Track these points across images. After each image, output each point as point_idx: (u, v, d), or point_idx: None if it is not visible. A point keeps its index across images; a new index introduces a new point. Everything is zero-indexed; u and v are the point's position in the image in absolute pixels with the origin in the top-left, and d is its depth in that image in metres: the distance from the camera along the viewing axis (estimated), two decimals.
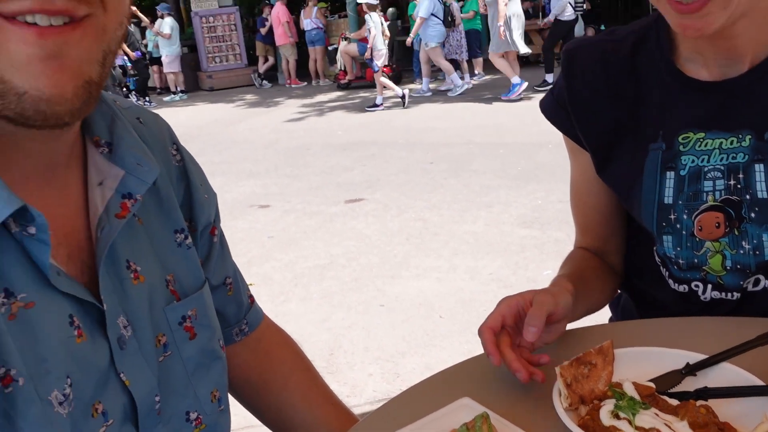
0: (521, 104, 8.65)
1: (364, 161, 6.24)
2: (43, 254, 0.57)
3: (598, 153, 1.00)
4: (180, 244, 0.76)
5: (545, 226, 3.97)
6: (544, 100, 1.06)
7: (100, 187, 0.67)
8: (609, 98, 0.97)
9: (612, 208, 1.05)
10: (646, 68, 0.95)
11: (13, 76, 0.52)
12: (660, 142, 0.93)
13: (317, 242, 4.11)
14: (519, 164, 5.51)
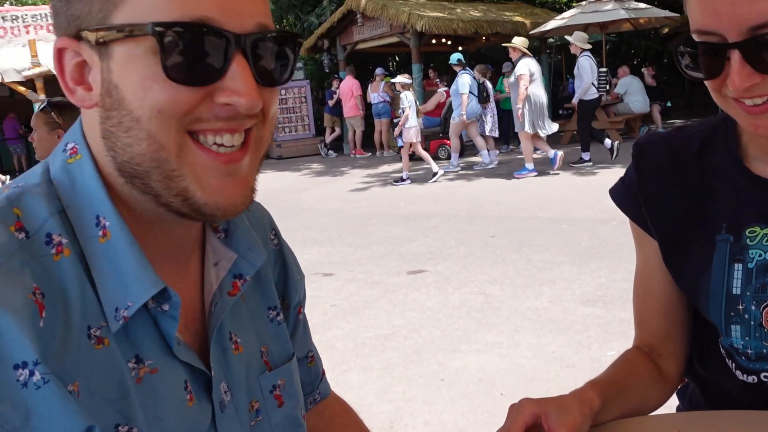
0: (585, 179, 8.63)
1: (427, 232, 6.32)
2: (171, 328, 0.65)
3: (666, 242, 1.03)
4: (272, 320, 0.83)
5: (609, 305, 3.91)
6: (615, 188, 1.11)
7: (216, 267, 0.76)
8: (677, 191, 1.02)
9: (673, 300, 1.07)
10: (713, 164, 1.00)
11: (195, 191, 0.61)
12: (728, 234, 0.97)
13: (379, 312, 4.17)
14: (583, 240, 5.48)
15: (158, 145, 0.59)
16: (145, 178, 0.61)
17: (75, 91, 0.62)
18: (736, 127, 0.97)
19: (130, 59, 0.58)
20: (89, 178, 0.63)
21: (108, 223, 0.62)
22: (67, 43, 0.61)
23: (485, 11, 15.12)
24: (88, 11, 0.59)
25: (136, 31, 0.57)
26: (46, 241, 0.59)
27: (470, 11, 14.75)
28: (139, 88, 0.58)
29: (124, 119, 0.60)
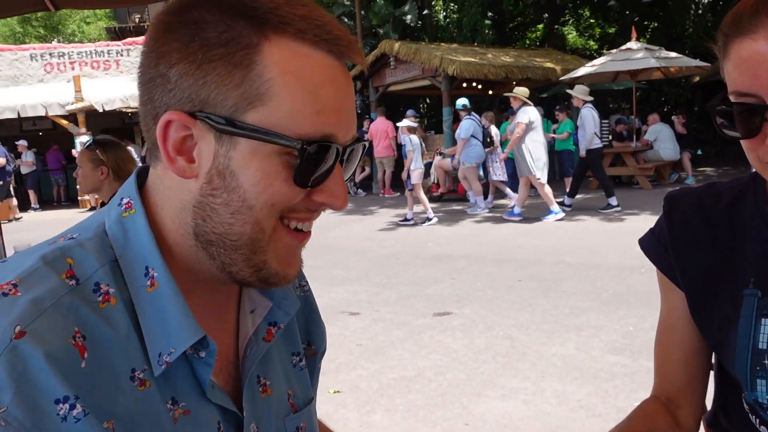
0: (613, 225, 8.60)
1: (453, 275, 6.35)
2: (206, 374, 0.69)
3: (694, 294, 1.06)
4: (295, 365, 0.88)
5: (636, 354, 3.89)
6: (645, 238, 1.14)
7: (252, 314, 0.81)
8: (706, 244, 1.05)
9: (695, 351, 1.10)
10: (743, 220, 1.03)
11: (272, 264, 0.70)
12: (755, 289, 0.99)
13: (404, 353, 4.19)
14: (610, 287, 5.46)
15: (259, 229, 0.67)
16: (229, 250, 0.68)
17: (175, 161, 0.66)
18: (765, 184, 1.01)
19: (255, 155, 0.64)
20: (141, 232, 0.69)
21: (156, 274, 0.67)
22: (178, 117, 0.64)
23: (516, 57, 15.33)
24: (221, 99, 0.63)
25: (280, 140, 0.63)
26: (94, 289, 0.64)
27: (501, 56, 14.97)
28: (260, 182, 0.65)
29: (233, 202, 0.66)
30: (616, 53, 12.81)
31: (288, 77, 0.63)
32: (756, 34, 0.82)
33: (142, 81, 0.68)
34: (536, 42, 24.16)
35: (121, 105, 15.87)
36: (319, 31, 0.64)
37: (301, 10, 0.65)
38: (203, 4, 0.65)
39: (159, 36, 0.66)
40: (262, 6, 0.64)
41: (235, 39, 0.63)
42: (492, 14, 20.53)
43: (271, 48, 0.63)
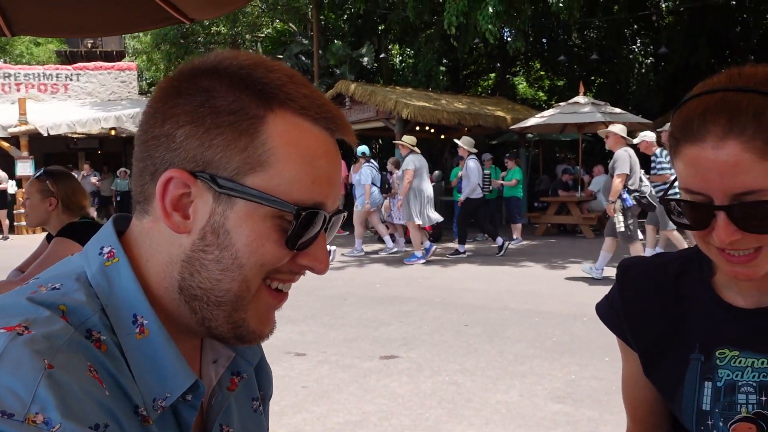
0: (557, 272, 8.80)
1: (401, 317, 6.36)
2: (190, 416, 0.72)
3: (646, 357, 1.12)
4: (255, 410, 0.90)
5: (578, 403, 3.95)
6: (601, 304, 1.20)
7: (215, 364, 0.83)
8: (656, 311, 1.11)
9: (659, 402, 1.16)
10: (688, 289, 1.09)
11: (251, 321, 0.73)
12: (700, 354, 1.05)
13: (350, 397, 4.15)
14: (554, 335, 5.56)
15: (246, 287, 0.70)
16: (213, 306, 0.71)
17: (171, 216, 0.69)
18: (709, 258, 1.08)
19: (251, 217, 0.68)
20: (127, 281, 0.70)
21: (146, 322, 0.69)
22: (180, 174, 0.68)
23: (469, 104, 15.73)
24: (225, 162, 0.68)
25: (278, 204, 0.68)
26: (86, 335, 0.65)
27: (454, 103, 15.34)
28: (253, 242, 0.69)
29: (224, 259, 0.69)
30: (565, 106, 13.30)
31: (289, 147, 0.69)
32: (704, 142, 0.87)
33: (144, 139, 0.72)
34: (488, 90, 24.89)
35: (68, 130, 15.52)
36: (319, 110, 0.71)
37: (304, 90, 0.71)
38: (214, 75, 0.70)
39: (168, 99, 0.71)
40: (270, 82, 0.70)
41: (244, 109, 0.68)
42: (447, 61, 21.09)
43: (276, 120, 0.69)
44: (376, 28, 21.09)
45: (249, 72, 0.70)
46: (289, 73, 0.72)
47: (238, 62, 0.71)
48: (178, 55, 20.37)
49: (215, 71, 0.70)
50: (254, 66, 0.71)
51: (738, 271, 0.93)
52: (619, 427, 3.55)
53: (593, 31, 22.63)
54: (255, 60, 0.72)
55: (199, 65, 0.72)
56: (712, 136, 0.86)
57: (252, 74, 0.70)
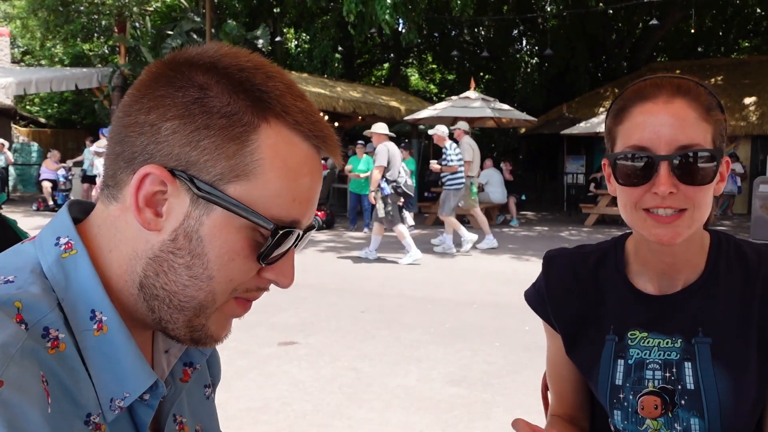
0: (447, 261, 9.12)
1: (298, 303, 6.36)
2: (147, 416, 0.70)
3: (567, 338, 1.24)
4: (208, 397, 0.90)
5: (472, 386, 4.16)
6: (529, 291, 1.32)
7: (166, 354, 0.80)
8: (577, 297, 1.23)
9: (581, 381, 1.28)
10: (605, 278, 1.22)
11: (211, 326, 0.71)
12: (614, 335, 1.18)
13: (250, 383, 4.13)
14: (447, 321, 5.78)
15: (212, 299, 0.69)
16: (174, 309, 0.69)
17: (143, 211, 0.66)
18: (624, 249, 1.22)
19: (226, 227, 0.66)
20: (86, 274, 0.67)
21: (105, 318, 0.66)
22: (159, 172, 0.65)
23: (364, 93, 15.85)
24: (209, 166, 0.65)
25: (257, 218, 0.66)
26: (42, 334, 0.62)
27: (350, 91, 15.40)
28: (225, 255, 0.67)
29: (194, 267, 0.67)
30: (457, 100, 13.73)
31: (276, 161, 0.67)
32: (657, 98, 1.03)
33: (125, 122, 0.68)
34: (381, 80, 25.14)
35: None
36: (313, 127, 0.69)
37: (300, 104, 0.69)
38: (212, 72, 0.67)
39: (158, 86, 0.67)
40: (269, 91, 0.67)
41: (238, 114, 0.66)
42: (342, 49, 21.09)
43: (269, 131, 0.67)
44: (272, 10, 20.71)
45: (248, 76, 0.67)
46: (288, 82, 0.70)
47: (238, 63, 0.68)
48: (57, 23, 18.97)
49: (213, 68, 0.67)
50: (254, 70, 0.68)
51: (661, 233, 1.04)
52: (510, 408, 3.79)
53: (483, 29, 23.45)
54: (255, 63, 0.69)
55: (196, 57, 0.69)
56: (663, 95, 1.03)
57: (251, 79, 0.67)
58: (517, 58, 23.56)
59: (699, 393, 1.09)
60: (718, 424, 1.08)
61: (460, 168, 9.37)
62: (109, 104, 17.59)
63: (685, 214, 1.03)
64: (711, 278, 1.14)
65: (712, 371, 1.10)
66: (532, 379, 4.24)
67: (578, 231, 13.05)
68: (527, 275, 8.57)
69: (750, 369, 1.09)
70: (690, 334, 1.13)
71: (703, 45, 23.19)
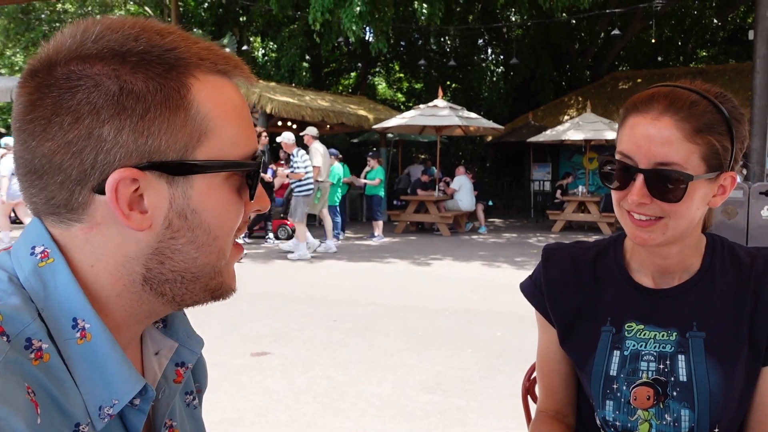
0: (419, 269, 9.14)
1: (269, 313, 6.31)
2: (139, 422, 0.69)
3: (562, 329, 1.27)
4: (188, 404, 0.88)
5: (447, 393, 4.16)
6: (525, 283, 1.35)
7: (157, 356, 0.79)
8: (574, 289, 1.26)
9: (571, 374, 1.30)
10: (604, 271, 1.26)
11: (227, 280, 0.74)
12: (611, 326, 1.22)
13: (223, 395, 4.07)
14: (420, 328, 5.79)
15: (222, 255, 0.71)
16: (188, 282, 0.70)
17: (131, 217, 0.65)
18: (623, 245, 1.26)
19: (211, 188, 0.68)
20: (65, 283, 0.65)
21: (88, 326, 0.65)
22: (129, 173, 0.63)
23: (332, 102, 15.84)
24: (171, 144, 0.64)
25: (237, 167, 0.69)
26: (25, 345, 0.61)
27: (318, 100, 15.38)
28: (221, 211, 0.69)
29: (199, 238, 0.68)
30: (425, 108, 13.80)
31: (220, 108, 0.68)
32: (647, 113, 1.07)
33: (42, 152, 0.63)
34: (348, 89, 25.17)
35: None
36: (225, 61, 0.70)
37: (203, 44, 0.69)
38: (110, 56, 0.63)
39: (61, 97, 0.62)
40: (175, 47, 0.66)
41: (166, 84, 0.64)
42: (309, 57, 21.07)
43: (198, 84, 0.66)
44: (238, 19, 20.61)
45: (147, 45, 0.64)
46: (173, 29, 0.68)
47: (127, 34, 0.64)
48: (17, 31, 18.60)
49: (108, 51, 0.63)
50: (146, 34, 0.65)
51: (638, 234, 1.11)
52: (485, 413, 3.81)
53: (450, 38, 23.68)
54: (140, 26, 0.66)
55: (80, 48, 0.63)
56: (654, 111, 1.06)
57: (151, 43, 0.64)
58: (483, 67, 23.81)
59: (691, 385, 1.13)
60: (707, 415, 1.11)
61: (308, 174, 9.53)
62: None
63: (660, 221, 1.09)
64: (707, 276, 1.19)
65: (704, 364, 1.13)
66: (505, 384, 4.27)
67: (546, 237, 13.22)
68: (498, 281, 8.62)
69: (740, 364, 1.13)
70: (685, 327, 1.17)
71: (662, 54, 23.75)
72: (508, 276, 8.45)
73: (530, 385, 1.61)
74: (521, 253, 10.82)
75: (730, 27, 22.94)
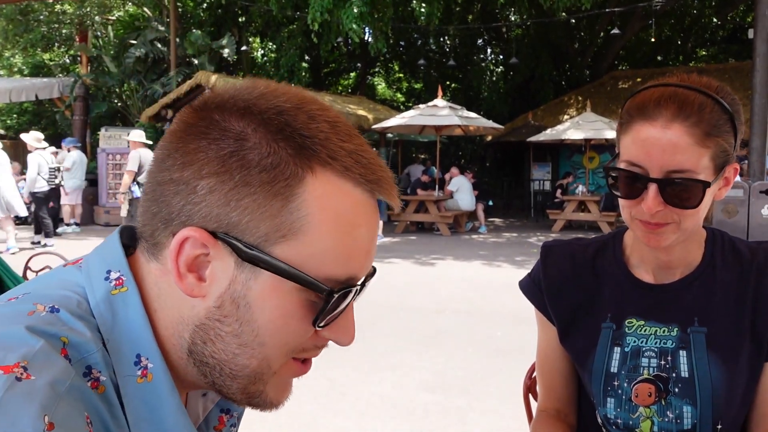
0: (419, 269, 9.13)
1: None
2: None
3: (562, 326, 1.25)
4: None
5: (447, 392, 4.16)
6: (524, 281, 1.33)
7: (203, 398, 0.76)
8: (574, 286, 1.25)
9: (572, 372, 1.29)
10: (604, 267, 1.25)
11: (270, 392, 0.66)
12: (611, 323, 1.20)
13: None
14: (420, 328, 5.78)
15: (267, 367, 0.64)
16: (226, 377, 0.64)
17: (185, 278, 0.61)
18: (622, 241, 1.25)
19: (276, 291, 0.61)
20: (135, 316, 0.63)
21: (151, 365, 0.62)
22: (200, 235, 0.59)
23: (332, 102, 15.85)
24: (253, 227, 0.59)
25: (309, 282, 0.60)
26: (84, 372, 0.58)
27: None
28: (277, 320, 0.61)
29: (244, 335, 0.62)
30: (424, 108, 13.79)
31: (326, 214, 0.60)
32: (656, 121, 1.03)
33: (158, 179, 0.62)
34: (348, 89, 25.18)
35: None
36: (365, 170, 0.62)
37: (348, 145, 0.62)
38: (247, 116, 0.61)
39: (189, 138, 0.61)
40: (312, 135, 0.61)
41: (279, 166, 0.59)
42: (308, 58, 21.08)
43: (315, 182, 0.60)
44: (237, 20, 20.60)
45: (288, 119, 0.61)
46: (333, 119, 0.63)
47: (276, 105, 0.61)
48: (15, 32, 18.57)
49: (249, 113, 0.61)
50: (295, 111, 0.61)
51: (651, 238, 1.09)
52: (485, 413, 3.80)
53: (449, 38, 23.68)
54: (295, 102, 0.62)
55: (230, 101, 0.62)
56: (663, 118, 1.03)
57: (292, 123, 0.60)
58: (482, 67, 23.82)
59: (693, 381, 1.12)
60: (710, 411, 1.10)
61: None
62: (71, 114, 17.25)
63: (671, 225, 1.07)
64: (707, 271, 1.17)
65: (706, 360, 1.12)
66: (506, 384, 4.26)
67: (546, 236, 13.21)
68: (498, 281, 8.61)
69: (742, 359, 1.12)
70: (686, 323, 1.15)
71: (662, 54, 23.75)
72: (509, 275, 8.44)
73: (531, 384, 1.61)
74: (521, 252, 10.81)
75: (729, 26, 22.94)
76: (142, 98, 16.83)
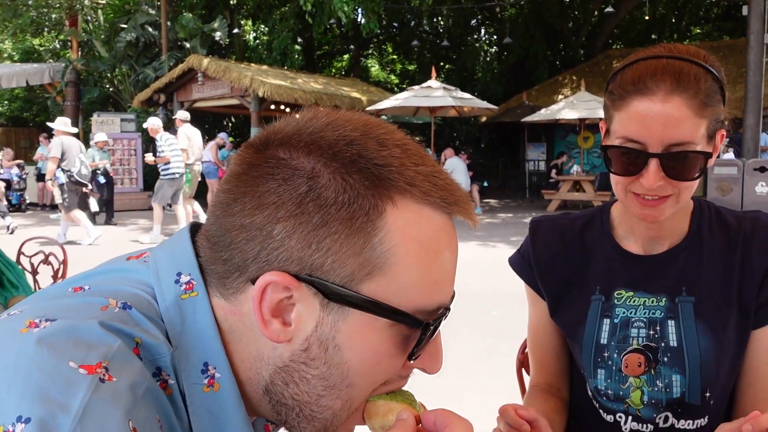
0: None
1: None
2: None
3: (552, 300, 1.26)
4: None
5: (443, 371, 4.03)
6: (513, 257, 1.34)
7: None
8: (563, 260, 1.25)
9: (563, 347, 1.29)
10: (592, 240, 1.25)
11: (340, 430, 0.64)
12: (600, 295, 1.20)
13: None
14: None
15: (349, 407, 0.62)
16: (303, 419, 0.62)
17: (270, 324, 0.58)
18: (610, 214, 1.25)
19: (367, 330, 0.58)
20: (204, 321, 0.60)
21: (219, 375, 0.60)
22: (282, 279, 0.56)
23: (325, 84, 15.78)
24: (337, 267, 0.56)
25: (402, 317, 0.58)
26: (154, 373, 0.57)
27: (311, 83, 15.31)
28: (369, 360, 0.59)
29: (332, 377, 0.59)
30: (418, 89, 13.75)
31: (410, 245, 0.58)
32: (654, 95, 1.01)
33: (226, 225, 0.59)
34: (341, 71, 25.05)
35: None
36: (443, 193, 0.59)
37: (423, 168, 0.59)
38: (317, 152, 0.58)
39: (257, 180, 0.58)
40: (387, 164, 0.58)
41: (357, 201, 0.56)
42: (301, 40, 20.94)
43: (395, 212, 0.57)
44: (229, 2, 20.41)
45: (359, 150, 0.58)
46: (402, 143, 0.60)
47: (343, 135, 0.58)
48: (4, 18, 18.38)
49: (317, 146, 0.58)
50: (364, 140, 0.58)
51: (648, 213, 1.08)
52: (481, 392, 3.82)
53: (442, 18, 23.54)
54: (362, 130, 0.59)
55: (294, 137, 0.59)
56: (661, 92, 1.01)
57: (363, 153, 0.57)
58: (476, 48, 23.74)
59: (681, 350, 1.12)
60: (699, 380, 1.11)
61: (174, 158, 9.35)
62: (63, 100, 17.14)
63: (670, 198, 1.07)
64: (695, 240, 1.17)
65: (694, 329, 1.12)
66: (501, 363, 4.28)
67: None
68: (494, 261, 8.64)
69: (730, 327, 1.12)
70: (674, 293, 1.15)
71: (656, 32, 23.67)
72: (504, 256, 8.39)
73: (524, 358, 1.61)
74: (516, 232, 10.83)
75: (723, 3, 22.85)
76: (134, 83, 16.72)
